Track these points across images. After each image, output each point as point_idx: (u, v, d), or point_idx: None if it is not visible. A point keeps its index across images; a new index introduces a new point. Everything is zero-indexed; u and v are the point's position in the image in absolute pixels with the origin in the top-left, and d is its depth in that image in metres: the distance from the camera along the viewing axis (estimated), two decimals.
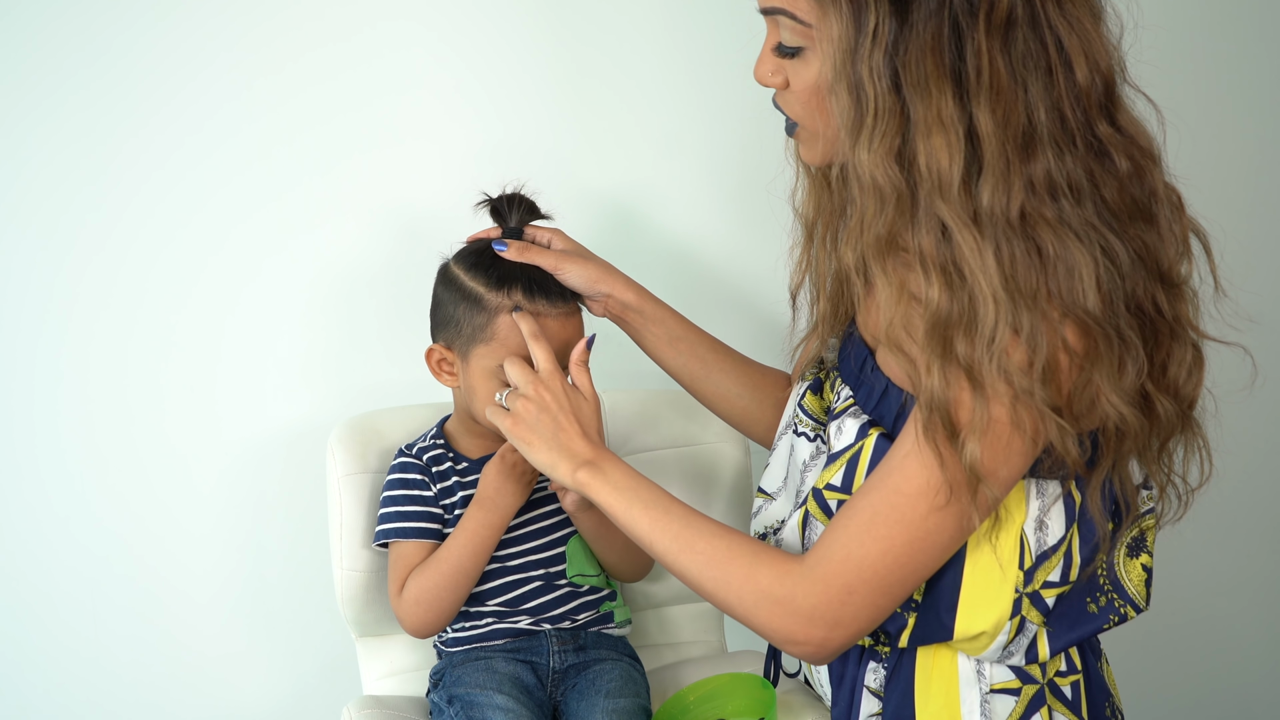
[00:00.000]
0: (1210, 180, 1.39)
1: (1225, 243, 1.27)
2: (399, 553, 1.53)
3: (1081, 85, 1.18)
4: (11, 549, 1.83)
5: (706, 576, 1.29)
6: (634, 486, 1.34)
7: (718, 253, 1.98)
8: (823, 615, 1.25)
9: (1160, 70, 1.28)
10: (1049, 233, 1.17)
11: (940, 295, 1.18)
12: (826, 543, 1.26)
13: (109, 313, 1.81)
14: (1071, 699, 1.36)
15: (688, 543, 1.30)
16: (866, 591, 1.24)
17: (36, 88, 1.74)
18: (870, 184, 1.19)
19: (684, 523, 1.31)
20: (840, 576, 1.24)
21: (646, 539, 1.32)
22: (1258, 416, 1.89)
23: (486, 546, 1.50)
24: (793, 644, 1.28)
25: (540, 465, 1.38)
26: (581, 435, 1.38)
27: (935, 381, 1.19)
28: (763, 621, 1.28)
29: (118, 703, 1.89)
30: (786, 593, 1.26)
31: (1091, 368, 1.19)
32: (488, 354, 1.48)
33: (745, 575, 1.28)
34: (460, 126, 1.87)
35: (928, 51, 1.15)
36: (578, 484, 1.36)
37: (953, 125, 1.16)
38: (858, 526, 1.24)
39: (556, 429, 1.38)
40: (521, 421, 1.39)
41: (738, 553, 1.29)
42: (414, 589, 1.50)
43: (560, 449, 1.37)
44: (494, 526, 1.49)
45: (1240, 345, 1.30)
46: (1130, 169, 1.20)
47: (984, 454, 1.19)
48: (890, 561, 1.23)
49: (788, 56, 1.25)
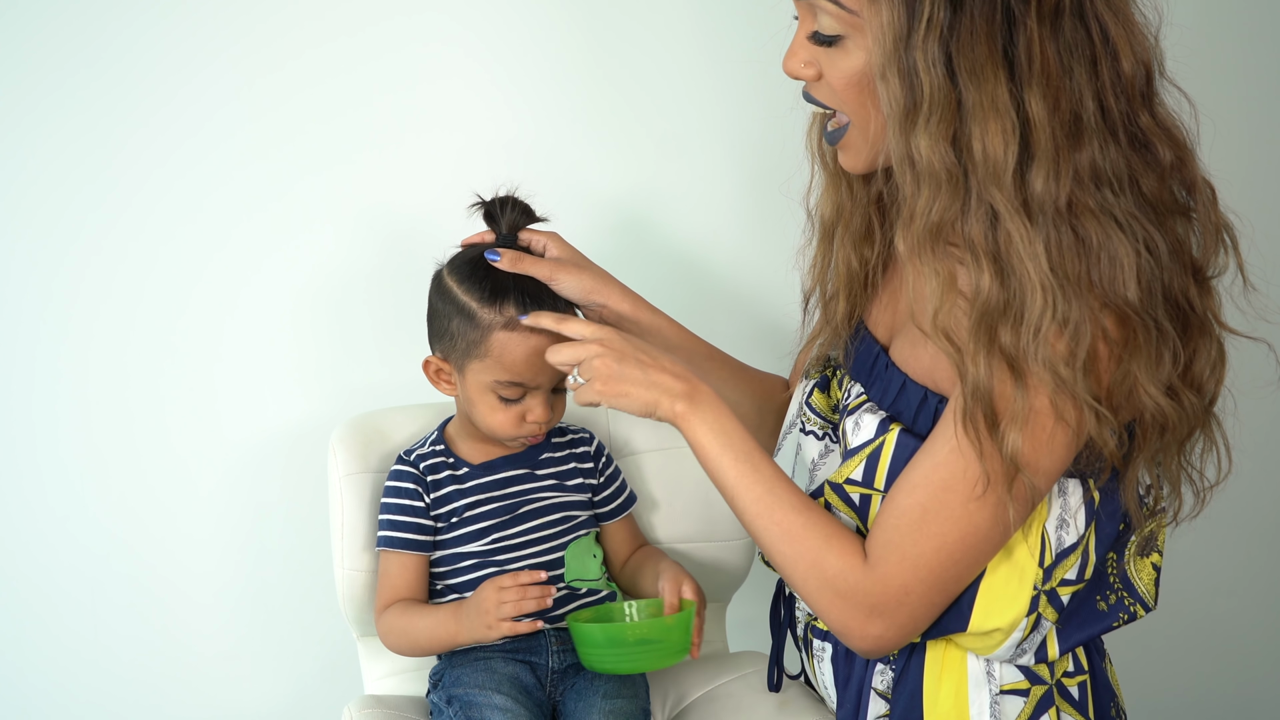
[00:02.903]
0: (1236, 174, 1.39)
1: (1252, 237, 1.28)
2: (385, 563, 1.54)
3: (1126, 75, 1.18)
4: (12, 549, 1.83)
5: (777, 550, 1.31)
6: (728, 431, 1.33)
7: (725, 254, 1.98)
8: (880, 613, 1.27)
9: (1189, 67, 1.28)
10: (1093, 222, 1.17)
11: (991, 284, 1.18)
12: (881, 542, 1.27)
13: (109, 312, 1.81)
14: (1078, 699, 1.36)
15: (767, 508, 1.31)
16: (923, 590, 1.26)
17: (36, 87, 1.74)
18: (927, 170, 1.19)
19: (768, 487, 1.32)
20: (898, 576, 1.26)
21: (729, 491, 1.33)
22: (1269, 416, 1.89)
23: (453, 646, 1.50)
24: (849, 635, 1.30)
25: (644, 408, 1.35)
26: (668, 368, 1.36)
27: (981, 371, 1.19)
28: (823, 609, 1.30)
29: (118, 703, 1.89)
30: (849, 587, 1.28)
31: (1130, 359, 1.19)
32: (483, 369, 1.47)
33: (813, 560, 1.29)
34: (462, 126, 1.87)
35: (981, 37, 1.15)
36: (675, 416, 1.34)
37: (1007, 112, 1.16)
38: (909, 525, 1.25)
39: (643, 368, 1.35)
40: (608, 378, 1.35)
41: (812, 533, 1.30)
42: (392, 625, 1.52)
43: (654, 385, 1.34)
44: (458, 643, 1.49)
45: (1265, 340, 1.30)
46: (1174, 160, 1.21)
47: (1025, 445, 1.20)
48: (945, 559, 1.25)
49: (824, 45, 1.25)
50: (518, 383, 1.47)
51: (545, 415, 1.49)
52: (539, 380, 1.47)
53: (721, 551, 1.71)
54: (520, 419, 1.49)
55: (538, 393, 1.48)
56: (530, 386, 1.47)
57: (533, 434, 1.51)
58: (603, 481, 1.61)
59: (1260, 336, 1.29)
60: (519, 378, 1.46)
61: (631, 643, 1.43)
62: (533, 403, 1.48)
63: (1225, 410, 1.29)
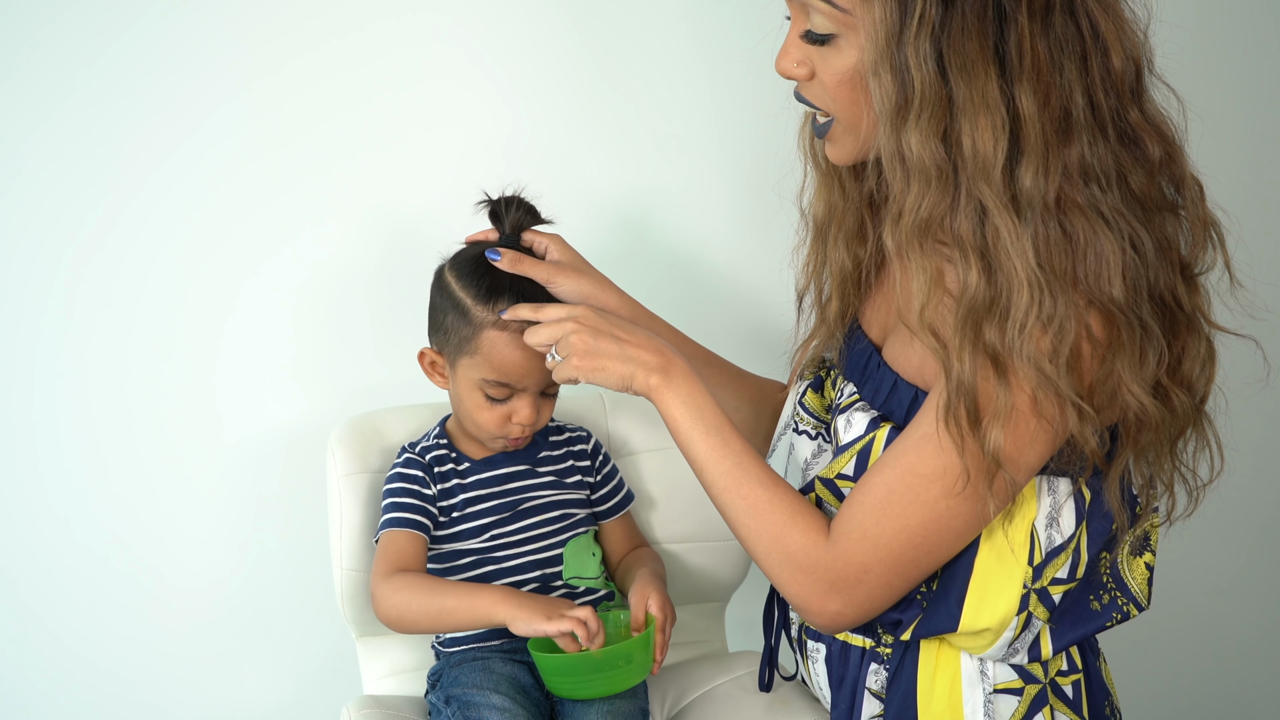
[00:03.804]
0: (1224, 171, 1.39)
1: (1240, 234, 1.28)
2: (389, 539, 1.51)
3: (1116, 71, 1.19)
4: (11, 549, 1.83)
5: (741, 523, 1.33)
6: (700, 405, 1.34)
7: (721, 253, 1.98)
8: (839, 589, 1.28)
9: (1177, 63, 1.28)
10: (1081, 219, 1.18)
11: (978, 280, 1.19)
12: (845, 519, 1.28)
13: (109, 312, 1.81)
14: (1073, 698, 1.36)
15: (735, 481, 1.32)
16: (882, 570, 1.27)
17: (35, 87, 1.74)
18: (917, 166, 1.19)
19: (736, 460, 1.33)
20: (858, 554, 1.27)
21: (699, 464, 1.34)
22: (1260, 414, 1.89)
23: (477, 625, 1.47)
24: (808, 611, 1.31)
25: (620, 381, 1.36)
26: (643, 342, 1.37)
27: (965, 368, 1.20)
28: (784, 583, 1.31)
29: (118, 703, 1.89)
30: (810, 562, 1.29)
31: (1114, 357, 1.19)
32: (472, 366, 1.48)
33: (776, 534, 1.31)
34: (464, 125, 1.87)
35: (973, 34, 1.16)
36: (650, 389, 1.35)
37: (997, 108, 1.16)
38: (873, 504, 1.26)
39: (618, 343, 1.36)
40: (584, 353, 1.36)
41: (776, 509, 1.31)
42: (400, 585, 1.47)
43: (629, 360, 1.36)
44: (490, 617, 1.46)
45: (1252, 338, 1.30)
46: (1163, 156, 1.21)
47: (1007, 441, 1.20)
48: (905, 541, 1.26)
49: (817, 44, 1.25)
50: (505, 383, 1.47)
51: (531, 418, 1.49)
52: (526, 382, 1.48)
53: (720, 551, 1.71)
54: (505, 419, 1.50)
55: (525, 395, 1.49)
56: (517, 388, 1.48)
57: (516, 435, 1.51)
58: (600, 480, 1.61)
59: (1248, 334, 1.29)
60: (506, 378, 1.47)
61: (590, 670, 1.42)
62: (519, 404, 1.49)
63: (1216, 409, 1.29)
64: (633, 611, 1.49)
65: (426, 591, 1.46)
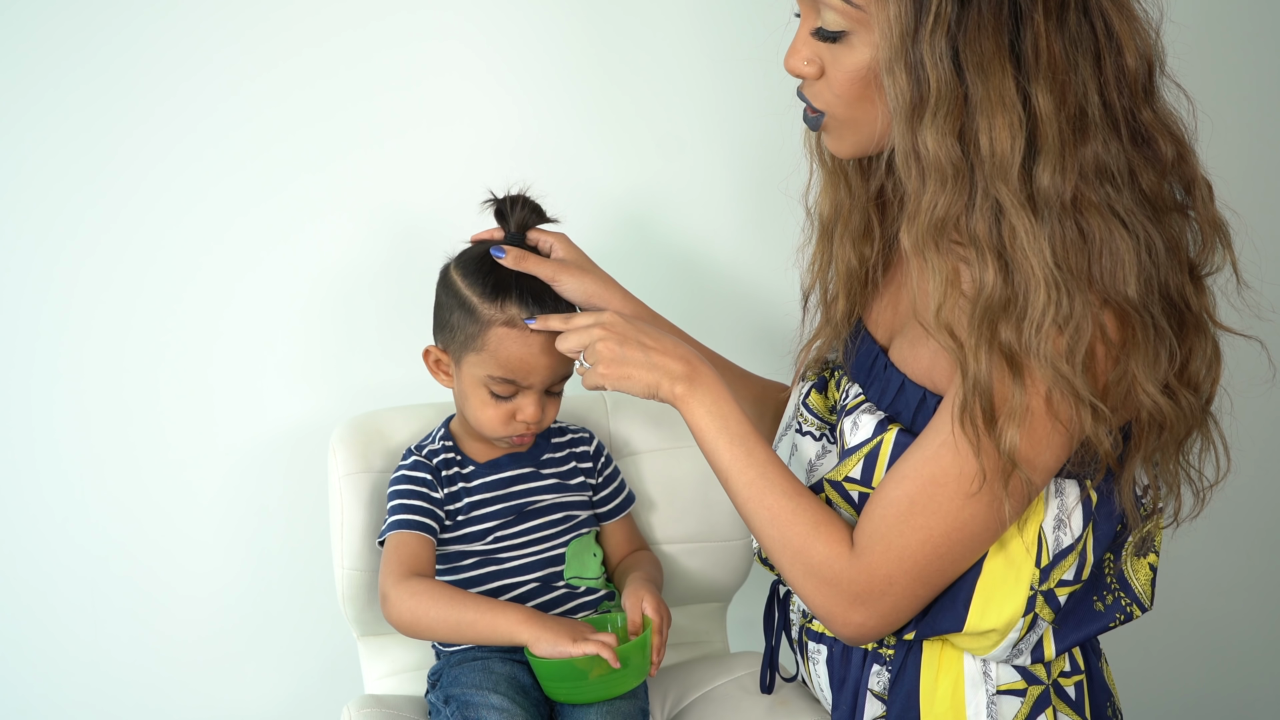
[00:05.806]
0: (1233, 171, 1.40)
1: (1247, 235, 1.28)
2: (397, 540, 1.51)
3: (1129, 70, 1.18)
4: (10, 551, 1.83)
5: (765, 534, 1.32)
6: (724, 414, 1.34)
7: (726, 252, 1.98)
8: (864, 602, 1.28)
9: (1187, 63, 1.28)
10: (1097, 218, 1.18)
11: (995, 279, 1.18)
12: (867, 531, 1.28)
13: (107, 311, 1.80)
14: (1075, 699, 1.36)
15: (759, 492, 1.32)
16: (907, 581, 1.27)
17: (34, 86, 1.74)
18: (933, 165, 1.18)
19: (760, 470, 1.33)
20: (883, 567, 1.27)
21: (723, 473, 1.34)
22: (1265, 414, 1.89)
23: (495, 642, 1.47)
24: (832, 622, 1.31)
25: (646, 389, 1.36)
26: (669, 350, 1.37)
27: (982, 367, 1.19)
28: (808, 594, 1.31)
29: (118, 704, 1.88)
30: (834, 575, 1.29)
31: (1128, 358, 1.19)
32: (478, 363, 1.48)
33: (800, 546, 1.30)
34: (465, 124, 1.87)
35: (989, 32, 1.15)
36: (675, 397, 1.35)
37: (1013, 106, 1.16)
38: (896, 516, 1.26)
39: (645, 350, 1.36)
40: (611, 361, 1.36)
41: (800, 519, 1.31)
42: (419, 606, 1.46)
43: (655, 367, 1.36)
44: (508, 642, 1.46)
45: (1258, 339, 1.30)
46: (1174, 155, 1.21)
47: (1023, 441, 1.20)
48: (930, 551, 1.25)
49: (828, 41, 1.24)
50: (510, 380, 1.47)
51: (535, 415, 1.49)
52: (531, 379, 1.48)
53: (721, 552, 1.71)
54: (510, 417, 1.50)
55: (530, 392, 1.49)
56: (523, 385, 1.48)
57: (520, 434, 1.51)
58: (602, 481, 1.61)
59: (1254, 335, 1.29)
60: (512, 375, 1.47)
61: (586, 675, 1.42)
62: (524, 401, 1.49)
63: (1221, 409, 1.29)
64: (629, 615, 1.49)
65: (446, 602, 1.46)
